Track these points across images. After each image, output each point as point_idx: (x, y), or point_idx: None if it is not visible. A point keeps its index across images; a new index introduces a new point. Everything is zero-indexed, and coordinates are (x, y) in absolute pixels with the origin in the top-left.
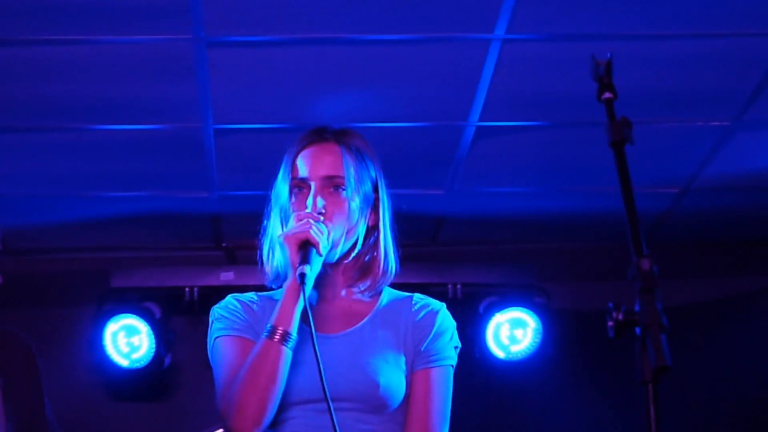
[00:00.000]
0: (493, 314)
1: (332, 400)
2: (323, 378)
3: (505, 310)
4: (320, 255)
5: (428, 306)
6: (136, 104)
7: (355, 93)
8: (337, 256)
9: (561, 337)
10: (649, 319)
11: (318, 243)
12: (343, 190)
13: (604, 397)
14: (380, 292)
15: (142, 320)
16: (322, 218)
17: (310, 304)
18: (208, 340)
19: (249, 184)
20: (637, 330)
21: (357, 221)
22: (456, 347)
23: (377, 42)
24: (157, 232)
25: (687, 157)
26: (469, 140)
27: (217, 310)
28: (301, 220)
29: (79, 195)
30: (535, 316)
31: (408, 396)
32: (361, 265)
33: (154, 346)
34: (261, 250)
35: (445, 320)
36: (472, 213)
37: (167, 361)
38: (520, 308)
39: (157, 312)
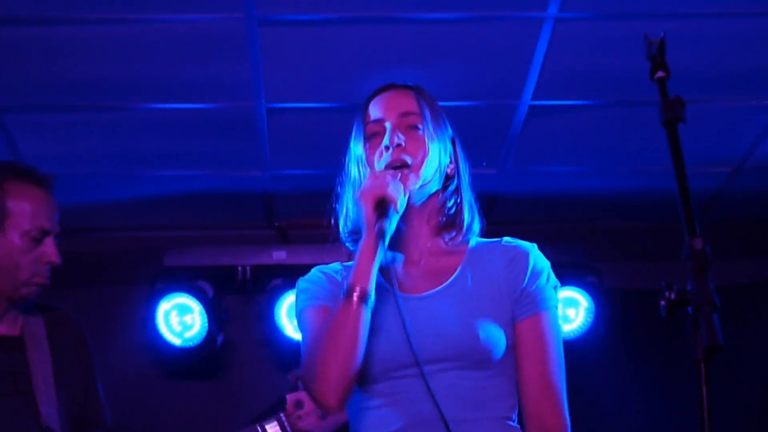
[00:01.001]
0: None
1: (431, 362)
2: (410, 338)
3: (557, 289)
4: (397, 212)
5: (518, 248)
6: (189, 83)
7: (407, 72)
8: (424, 198)
9: (613, 316)
10: (702, 298)
11: (395, 199)
12: (420, 129)
13: (657, 377)
14: (467, 243)
15: (194, 299)
16: (399, 175)
17: (395, 266)
18: (295, 313)
19: (301, 163)
20: (690, 309)
21: (437, 162)
22: (555, 287)
23: (429, 21)
24: (209, 211)
25: (740, 136)
26: (522, 119)
27: (301, 282)
28: (377, 177)
29: (132, 174)
30: (587, 295)
31: (516, 347)
32: (446, 211)
33: (206, 325)
34: (336, 213)
35: (539, 260)
36: (525, 192)
37: (220, 339)
38: (573, 287)
39: (210, 291)
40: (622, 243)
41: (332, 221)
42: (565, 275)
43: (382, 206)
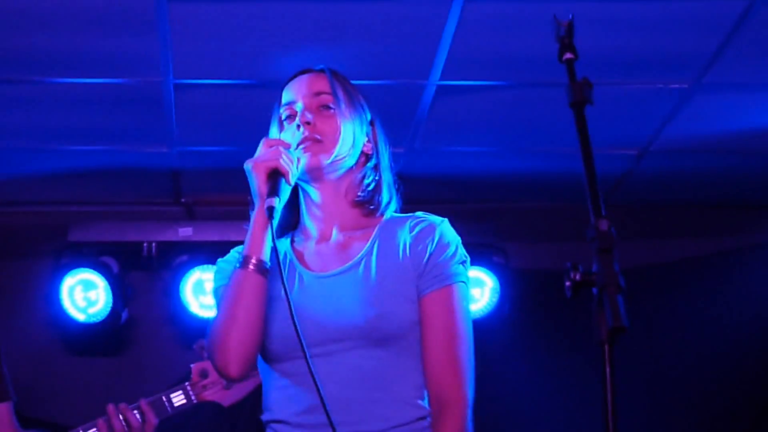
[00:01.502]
0: None
1: (334, 341)
2: (295, 320)
3: (466, 264)
4: (289, 185)
5: (425, 221)
6: (96, 57)
7: (316, 49)
8: (337, 173)
9: (518, 296)
10: (607, 279)
11: (288, 172)
12: (332, 108)
13: (561, 357)
14: (381, 217)
15: (99, 275)
16: (293, 147)
17: (305, 246)
18: (212, 292)
19: (209, 139)
20: (594, 290)
21: (352, 141)
22: (463, 262)
23: None
24: (115, 186)
25: (646, 119)
26: (430, 99)
27: (219, 263)
28: (270, 146)
29: (37, 148)
30: (492, 275)
31: (422, 322)
32: (364, 188)
33: (111, 300)
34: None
35: (445, 234)
36: (432, 172)
37: (124, 316)
38: (478, 267)
39: (115, 266)
40: (528, 223)
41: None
42: (472, 255)
43: (274, 179)
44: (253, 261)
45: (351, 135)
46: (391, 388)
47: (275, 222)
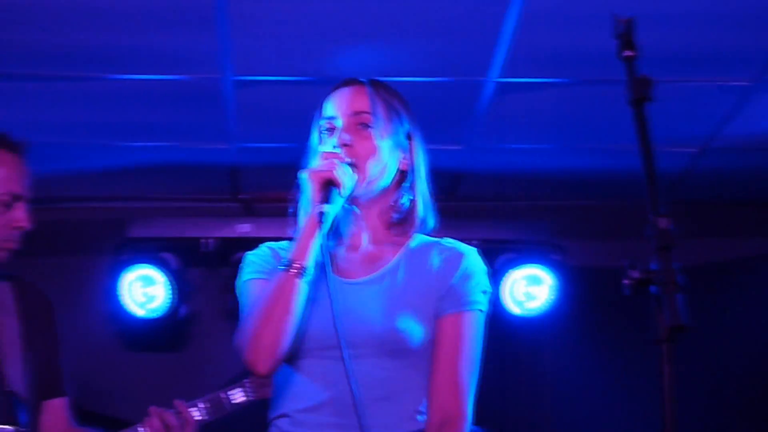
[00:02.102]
0: (509, 270)
1: (350, 347)
2: (337, 323)
3: (522, 266)
4: (342, 196)
5: (454, 249)
6: (156, 54)
7: (376, 46)
8: (371, 195)
9: (577, 294)
10: (665, 277)
11: (341, 183)
12: (371, 127)
13: (619, 355)
14: (409, 238)
15: (158, 270)
16: (348, 160)
17: (336, 251)
18: (237, 285)
19: (267, 136)
20: (653, 289)
21: (387, 161)
22: (485, 291)
23: None
24: (175, 182)
25: (706, 116)
26: (489, 96)
27: (248, 256)
28: (326, 158)
29: (98, 144)
30: (551, 272)
31: (434, 342)
32: (399, 207)
33: (170, 296)
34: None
35: (473, 263)
36: (491, 169)
37: (182, 311)
38: (537, 265)
39: (174, 262)
40: (587, 221)
41: (295, 196)
42: (530, 252)
43: (327, 188)
44: (297, 266)
45: (386, 156)
46: (396, 399)
47: (326, 227)
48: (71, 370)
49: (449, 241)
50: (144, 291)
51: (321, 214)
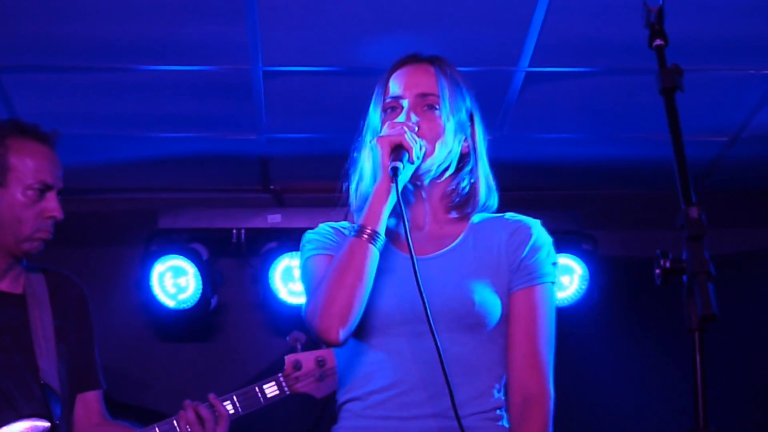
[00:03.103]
0: None
1: (424, 322)
2: (423, 295)
3: (556, 266)
4: (412, 162)
5: (521, 222)
6: (187, 45)
7: (405, 36)
8: (432, 176)
9: (607, 283)
10: (697, 267)
11: (411, 148)
12: (437, 109)
13: (650, 344)
14: (471, 216)
15: (189, 261)
16: (417, 129)
17: (398, 230)
18: (300, 263)
19: (297, 126)
20: (684, 278)
21: (452, 143)
22: (554, 263)
23: None
24: (205, 173)
25: (737, 105)
26: (519, 86)
27: (308, 234)
28: (395, 127)
29: (128, 135)
30: (581, 262)
31: (509, 317)
32: (461, 191)
33: (200, 287)
34: (349, 180)
35: (540, 236)
36: (521, 159)
37: (213, 302)
38: (567, 254)
39: (205, 253)
40: (617, 210)
41: (344, 186)
42: (561, 242)
43: (398, 152)
44: (368, 231)
45: (451, 139)
46: (473, 375)
47: (401, 182)
48: (103, 360)
49: (513, 215)
50: (175, 281)
51: (395, 169)
